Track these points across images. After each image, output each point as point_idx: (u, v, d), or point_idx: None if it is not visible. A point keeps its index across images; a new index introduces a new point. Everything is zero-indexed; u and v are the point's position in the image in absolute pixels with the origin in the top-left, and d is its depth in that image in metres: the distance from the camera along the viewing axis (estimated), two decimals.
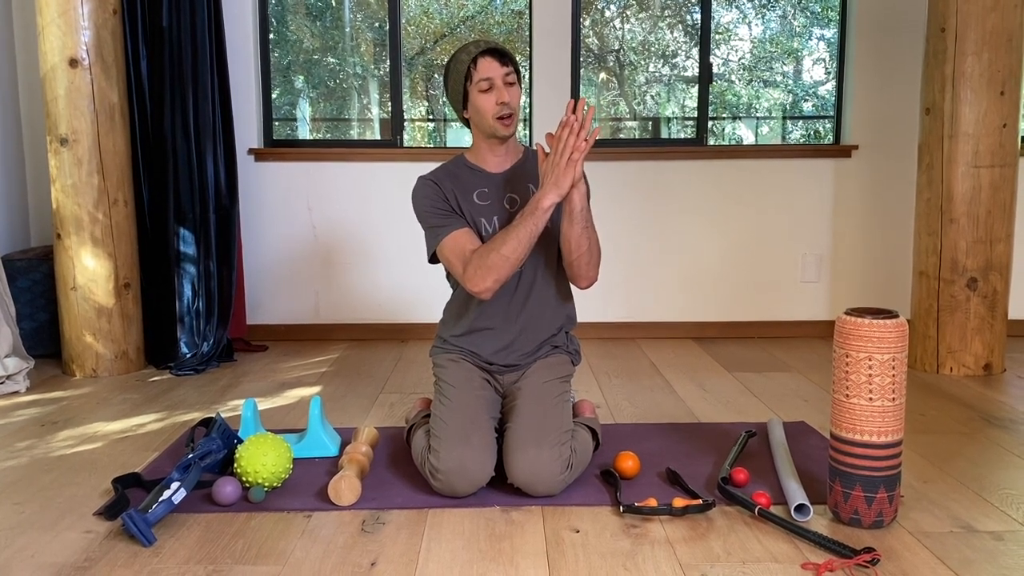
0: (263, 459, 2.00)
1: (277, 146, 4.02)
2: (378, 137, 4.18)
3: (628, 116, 4.35)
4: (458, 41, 4.23)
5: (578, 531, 1.84)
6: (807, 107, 4.34)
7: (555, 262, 2.26)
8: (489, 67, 2.11)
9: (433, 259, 2.24)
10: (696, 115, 4.06)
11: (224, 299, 3.59)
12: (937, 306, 3.27)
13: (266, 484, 2.02)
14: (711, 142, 4.09)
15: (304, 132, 4.24)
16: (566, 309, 2.33)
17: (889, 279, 4.03)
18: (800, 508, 1.88)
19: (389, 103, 4.03)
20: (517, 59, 2.18)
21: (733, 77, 4.23)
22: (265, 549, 1.77)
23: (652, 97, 4.30)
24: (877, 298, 4.04)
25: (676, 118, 4.29)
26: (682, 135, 4.24)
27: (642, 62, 4.27)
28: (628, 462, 2.13)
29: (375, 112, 4.21)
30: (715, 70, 4.12)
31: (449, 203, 2.20)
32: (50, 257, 3.51)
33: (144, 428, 2.63)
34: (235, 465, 2.03)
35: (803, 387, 3.10)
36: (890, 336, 1.77)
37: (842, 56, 4.01)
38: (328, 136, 4.29)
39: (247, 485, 2.02)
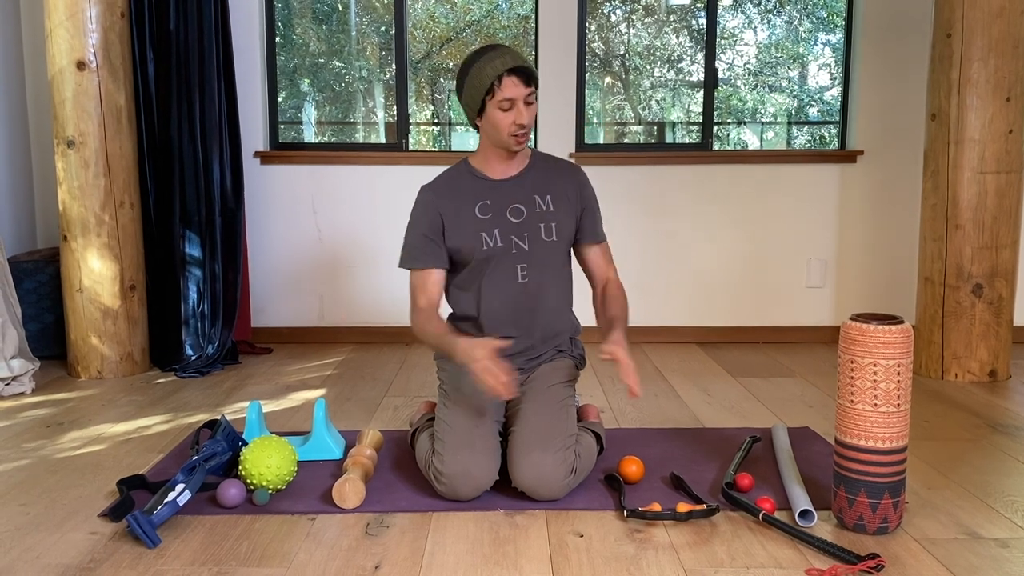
0: (267, 461, 2.00)
1: (283, 149, 4.03)
2: (383, 141, 4.19)
3: (633, 120, 4.36)
4: (464, 45, 4.24)
5: (582, 535, 1.84)
6: (812, 112, 4.34)
7: (561, 274, 2.25)
8: (514, 88, 2.06)
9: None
10: (701, 120, 4.06)
11: (229, 302, 3.59)
12: (942, 312, 3.27)
13: (270, 487, 2.02)
14: (716, 147, 4.09)
15: (309, 135, 4.25)
16: (572, 319, 2.33)
17: (894, 285, 4.02)
18: (804, 514, 1.88)
19: (394, 107, 4.04)
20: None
21: (738, 82, 4.23)
22: (269, 551, 1.77)
23: (657, 102, 4.31)
24: (882, 304, 4.03)
25: (681, 123, 4.30)
26: (687, 140, 4.25)
27: (647, 67, 4.27)
28: (632, 467, 2.12)
29: (380, 116, 4.22)
30: (720, 75, 4.12)
31: (443, 228, 2.19)
32: (56, 259, 3.52)
33: (149, 430, 2.63)
34: (239, 467, 2.03)
35: (807, 392, 3.10)
36: (895, 342, 1.77)
37: (848, 61, 4.01)
38: (333, 139, 4.30)
39: (251, 487, 2.02)
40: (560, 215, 2.22)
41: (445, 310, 2.39)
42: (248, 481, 2.02)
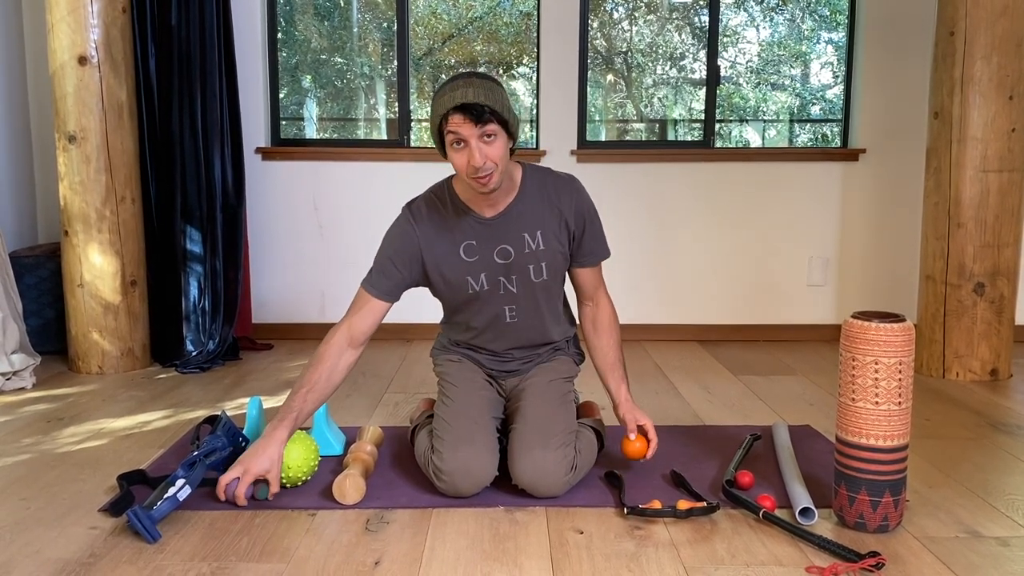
0: (290, 455, 2.00)
1: (284, 145, 4.03)
2: (385, 137, 4.18)
3: (635, 118, 4.35)
4: (466, 42, 4.23)
5: (582, 532, 1.84)
6: (815, 110, 4.33)
7: (552, 299, 2.20)
8: (461, 126, 1.85)
9: None
10: (703, 118, 4.06)
11: (230, 297, 3.59)
12: (944, 311, 3.26)
13: (288, 481, 2.03)
14: (718, 145, 4.09)
15: (311, 131, 4.25)
16: (566, 325, 2.30)
17: (896, 283, 4.02)
18: (805, 512, 1.88)
19: (396, 103, 4.04)
20: (503, 96, 1.90)
21: (741, 80, 4.23)
22: (269, 547, 1.77)
23: (659, 99, 4.30)
24: (884, 302, 4.03)
25: (683, 120, 4.29)
26: (689, 138, 4.24)
27: (650, 64, 4.26)
28: (636, 444, 2.08)
29: (382, 112, 4.21)
30: (723, 73, 4.11)
31: (413, 268, 2.07)
32: (57, 254, 3.52)
33: (149, 425, 2.63)
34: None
35: (808, 391, 3.10)
36: (897, 340, 1.77)
37: (850, 59, 4.00)
38: (335, 136, 4.29)
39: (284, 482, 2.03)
40: (550, 253, 2.10)
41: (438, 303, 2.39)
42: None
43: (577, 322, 2.35)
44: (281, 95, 4.05)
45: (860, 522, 1.83)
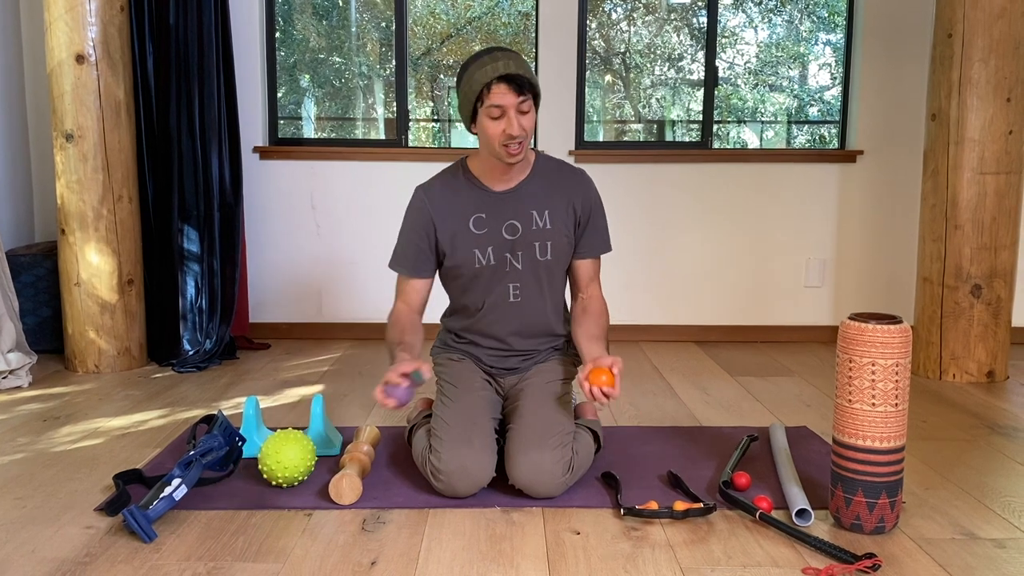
0: (286, 454, 2.00)
1: (282, 144, 4.02)
2: (383, 137, 4.18)
3: (633, 119, 4.35)
4: (464, 42, 4.23)
5: (579, 533, 1.84)
6: (812, 112, 4.33)
7: (555, 287, 2.22)
8: (503, 96, 1.95)
9: None
10: (701, 118, 4.06)
11: (227, 297, 3.59)
12: (941, 312, 3.27)
13: (285, 482, 2.03)
14: (716, 146, 4.09)
15: (309, 131, 4.24)
16: (566, 323, 2.31)
17: (893, 285, 4.02)
18: (801, 513, 1.88)
19: (394, 103, 4.04)
20: (533, 73, 2.02)
21: (739, 81, 4.23)
22: (265, 547, 1.77)
23: (657, 100, 4.30)
24: (881, 303, 4.03)
25: (681, 121, 4.29)
26: (687, 138, 4.24)
27: (648, 65, 4.27)
28: (602, 377, 1.92)
29: (380, 112, 4.21)
30: (721, 74, 4.12)
31: (430, 238, 2.16)
32: (54, 252, 3.51)
33: (146, 424, 2.63)
34: (259, 463, 2.04)
35: (805, 392, 3.10)
36: (894, 341, 1.77)
37: (848, 61, 4.01)
38: (333, 135, 4.29)
39: (273, 481, 2.03)
40: (556, 234, 2.16)
41: (447, 299, 2.39)
42: (265, 473, 2.03)
43: None
44: (279, 94, 4.04)
45: (856, 523, 1.83)
